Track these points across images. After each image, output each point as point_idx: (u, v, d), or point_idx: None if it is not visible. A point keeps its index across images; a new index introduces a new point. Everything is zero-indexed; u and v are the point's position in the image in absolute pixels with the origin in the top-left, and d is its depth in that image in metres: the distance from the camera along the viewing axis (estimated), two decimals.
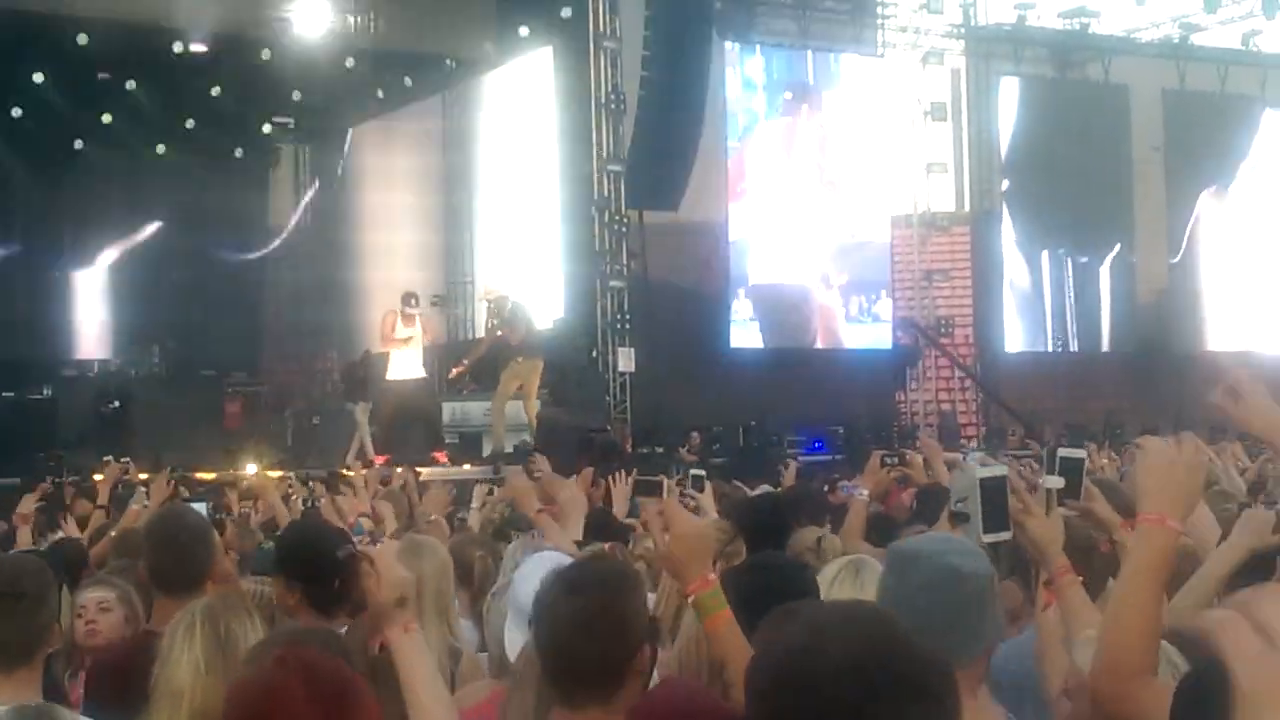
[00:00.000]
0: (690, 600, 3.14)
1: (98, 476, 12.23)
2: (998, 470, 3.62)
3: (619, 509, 7.33)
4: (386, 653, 3.13)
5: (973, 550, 2.99)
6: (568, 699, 3.00)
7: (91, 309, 23.31)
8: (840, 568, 3.79)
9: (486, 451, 17.53)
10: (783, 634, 1.87)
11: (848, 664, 1.76)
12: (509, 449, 16.78)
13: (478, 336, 17.98)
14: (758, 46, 21.86)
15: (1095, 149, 24.98)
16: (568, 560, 4.21)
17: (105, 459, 9.46)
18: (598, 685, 2.98)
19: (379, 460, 15.66)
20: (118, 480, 9.00)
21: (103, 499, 8.41)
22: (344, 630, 3.97)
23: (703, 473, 7.68)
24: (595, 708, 2.97)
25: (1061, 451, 3.83)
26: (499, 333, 17.85)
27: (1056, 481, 3.73)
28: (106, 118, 22.65)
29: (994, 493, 3.48)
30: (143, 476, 9.87)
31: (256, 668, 2.66)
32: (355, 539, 5.50)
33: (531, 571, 3.79)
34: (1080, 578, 3.47)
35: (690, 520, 3.16)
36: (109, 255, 23.64)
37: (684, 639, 3.75)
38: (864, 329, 22.58)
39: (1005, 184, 24.85)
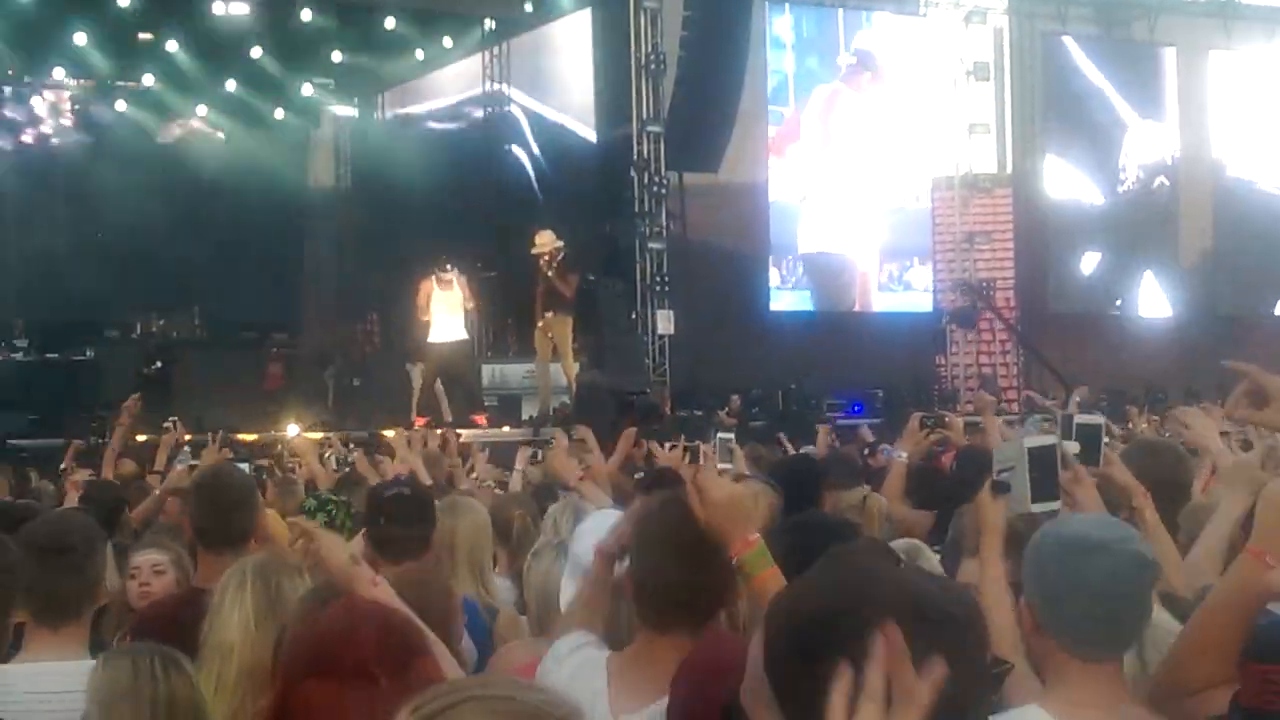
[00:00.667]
0: (735, 563, 3.15)
1: (141, 438, 12.37)
2: (1047, 439, 3.63)
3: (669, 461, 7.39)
4: None
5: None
6: (658, 622, 3.08)
7: (133, 271, 23.41)
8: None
9: (525, 415, 17.58)
10: (810, 589, 1.88)
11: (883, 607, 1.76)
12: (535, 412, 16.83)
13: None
14: (789, 6, 21.71)
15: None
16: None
17: (165, 425, 9.44)
18: (690, 611, 3.09)
19: (419, 422, 15.70)
20: (173, 447, 9.00)
21: (160, 464, 8.44)
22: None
23: (730, 436, 7.68)
24: (684, 633, 3.05)
25: (1078, 418, 3.82)
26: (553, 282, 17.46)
27: (1074, 447, 3.75)
28: (148, 79, 22.78)
29: (1044, 461, 3.49)
30: (187, 438, 9.94)
31: (328, 612, 2.69)
32: None
33: (593, 528, 3.85)
34: None
35: (724, 485, 3.17)
36: (150, 217, 23.72)
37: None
38: (894, 296, 22.53)
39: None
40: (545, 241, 16.84)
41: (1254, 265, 25.32)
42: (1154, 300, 24.99)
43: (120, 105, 23.26)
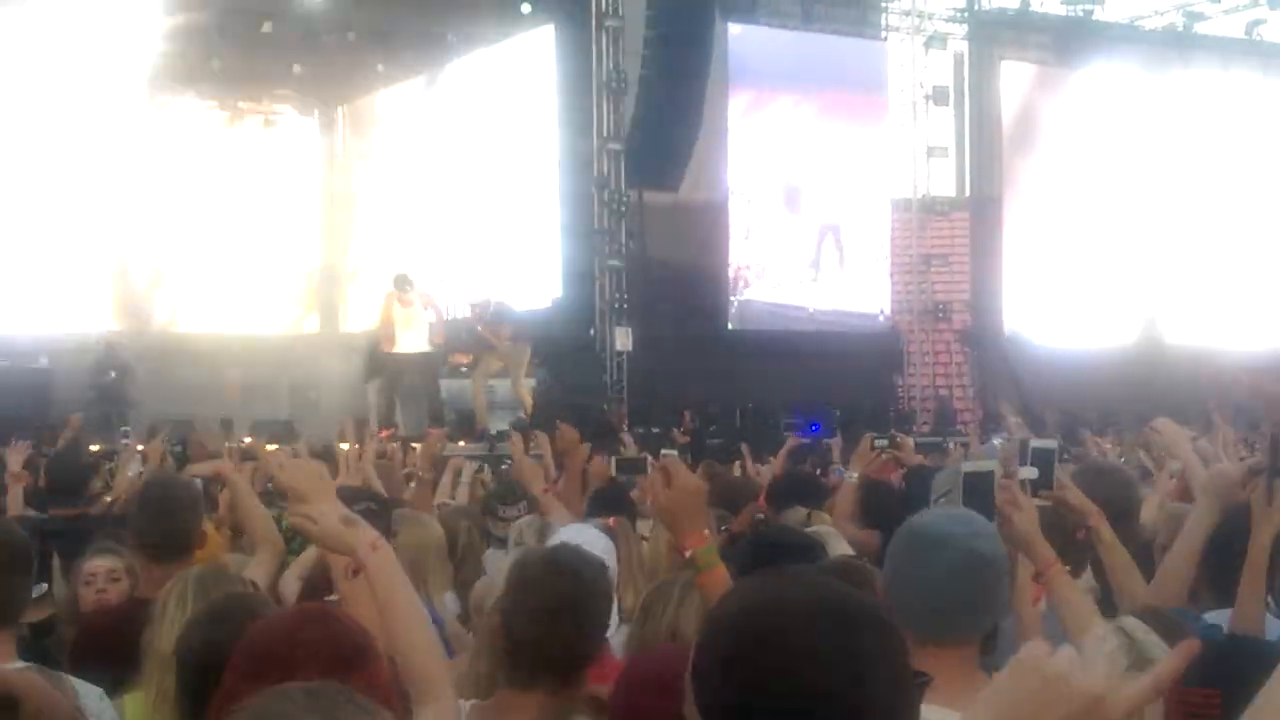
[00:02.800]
0: (686, 555, 3.17)
1: (94, 447, 12.31)
2: (985, 464, 3.66)
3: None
4: None
5: (991, 531, 3.01)
6: (520, 681, 3.07)
7: (88, 279, 23.31)
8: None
9: (479, 430, 17.56)
10: (730, 600, 1.90)
11: (800, 615, 1.77)
12: (497, 428, 16.80)
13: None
14: (750, 27, 21.81)
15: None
16: (596, 534, 4.30)
17: (121, 441, 9.39)
18: (552, 672, 3.07)
19: (383, 434, 15.66)
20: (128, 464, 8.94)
21: (119, 487, 8.37)
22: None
23: (674, 453, 7.70)
24: (543, 693, 3.04)
25: (1034, 442, 3.85)
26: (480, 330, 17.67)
27: (1030, 472, 3.78)
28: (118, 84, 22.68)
29: (979, 486, 3.50)
30: (139, 447, 9.89)
31: (276, 616, 2.66)
32: None
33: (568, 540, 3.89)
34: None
35: (692, 477, 3.20)
36: (110, 226, 23.62)
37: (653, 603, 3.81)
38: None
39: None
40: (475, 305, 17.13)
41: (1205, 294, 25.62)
42: (1111, 327, 25.13)
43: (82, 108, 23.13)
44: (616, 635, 4.77)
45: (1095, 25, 25.23)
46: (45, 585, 4.55)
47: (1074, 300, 24.73)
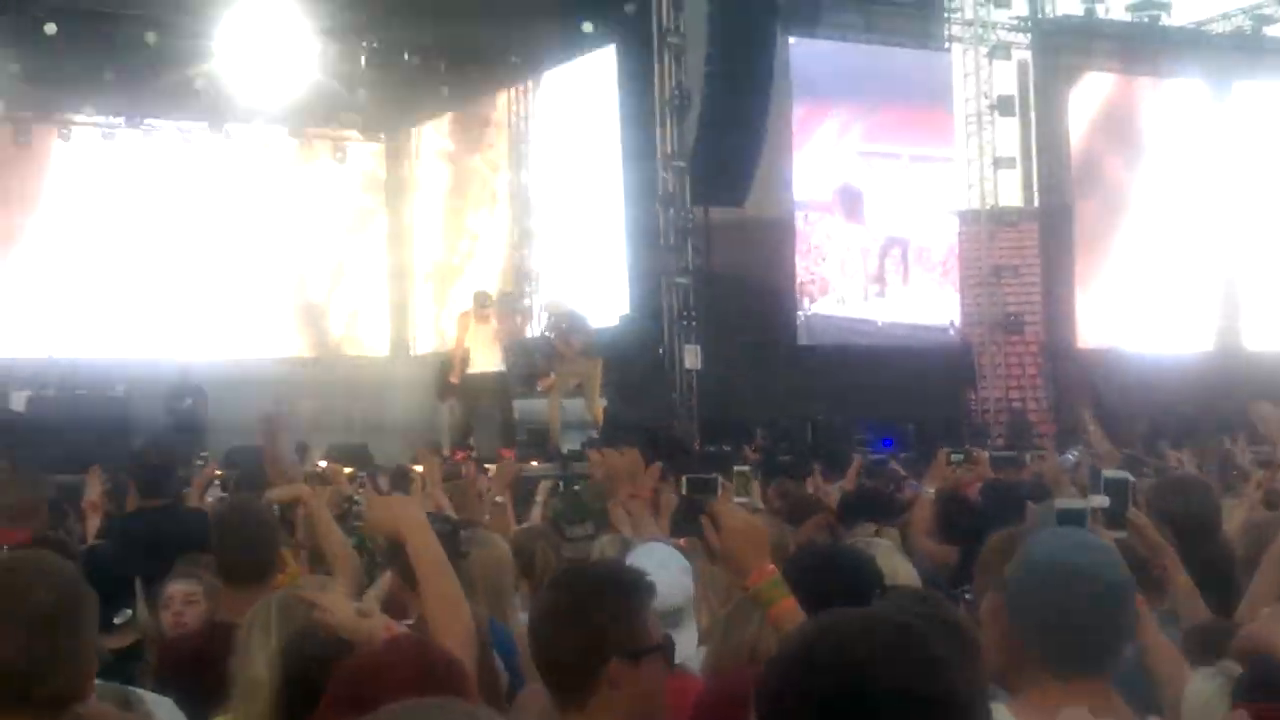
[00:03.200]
0: (750, 594, 3.12)
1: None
2: (1077, 502, 3.62)
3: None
4: None
5: (1118, 557, 2.95)
6: (552, 694, 3.06)
7: (163, 307, 23.62)
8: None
9: (550, 450, 17.59)
10: (792, 642, 1.87)
11: (853, 668, 1.74)
12: (569, 447, 16.83)
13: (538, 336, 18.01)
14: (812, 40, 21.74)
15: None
16: (670, 551, 4.29)
17: (197, 461, 9.51)
18: (560, 684, 3.04)
19: (459, 456, 15.73)
20: (208, 482, 9.05)
21: (195, 500, 8.45)
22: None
23: (746, 469, 7.65)
24: (573, 709, 3.02)
25: (1106, 473, 3.79)
26: (552, 339, 17.71)
27: (1102, 500, 3.72)
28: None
29: (1074, 523, 3.48)
30: (218, 473, 9.99)
31: (369, 648, 2.68)
32: None
33: (640, 561, 3.87)
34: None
35: (739, 515, 3.16)
36: (180, 254, 23.95)
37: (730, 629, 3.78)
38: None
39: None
40: (552, 306, 17.12)
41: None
42: (1188, 334, 24.84)
43: (149, 139, 23.48)
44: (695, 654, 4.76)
45: (1162, 31, 24.97)
46: (130, 611, 4.58)
47: (1148, 309, 24.43)
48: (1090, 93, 24.72)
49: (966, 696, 1.76)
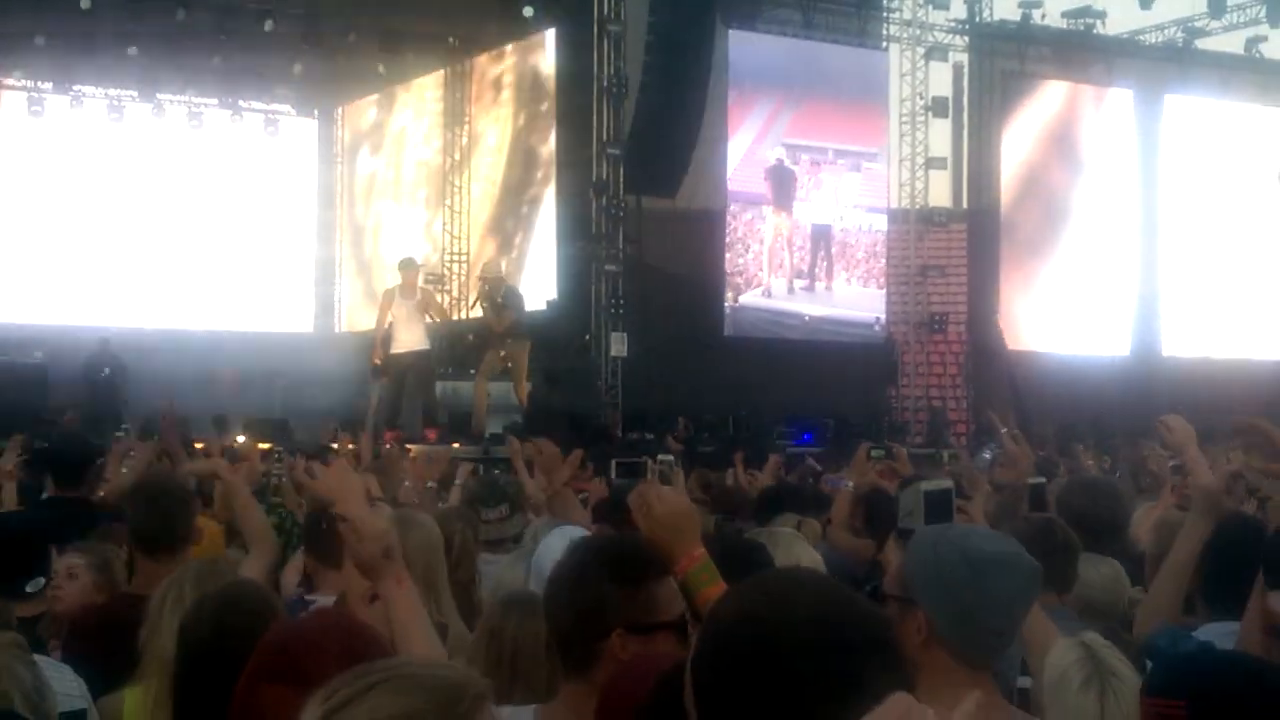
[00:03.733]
0: (679, 580, 3.11)
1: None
2: (943, 483, 3.70)
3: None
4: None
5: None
6: (560, 662, 3.07)
7: (84, 275, 23.34)
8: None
9: (474, 431, 17.53)
10: (729, 603, 1.88)
11: (806, 626, 1.74)
12: (492, 430, 16.75)
13: (473, 316, 17.84)
14: (751, 35, 21.76)
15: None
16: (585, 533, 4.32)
17: (117, 434, 9.38)
18: (563, 653, 3.05)
19: (388, 436, 15.60)
20: (124, 455, 8.93)
21: (111, 474, 8.33)
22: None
23: (670, 459, 7.68)
24: (574, 676, 3.03)
25: (925, 485, 3.86)
26: (484, 309, 17.50)
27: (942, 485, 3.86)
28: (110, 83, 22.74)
29: (939, 503, 3.59)
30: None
31: (297, 619, 2.65)
32: None
33: (554, 543, 3.87)
34: None
35: (668, 499, 3.14)
36: (104, 223, 23.66)
37: None
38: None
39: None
40: (488, 270, 16.97)
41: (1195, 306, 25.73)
42: (1107, 338, 25.17)
43: (80, 107, 23.13)
44: None
45: (1096, 40, 25.25)
46: (43, 580, 4.52)
47: (1072, 313, 24.72)
48: (1026, 98, 24.94)
49: (895, 649, 1.78)
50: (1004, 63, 24.90)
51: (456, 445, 16.33)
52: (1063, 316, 24.53)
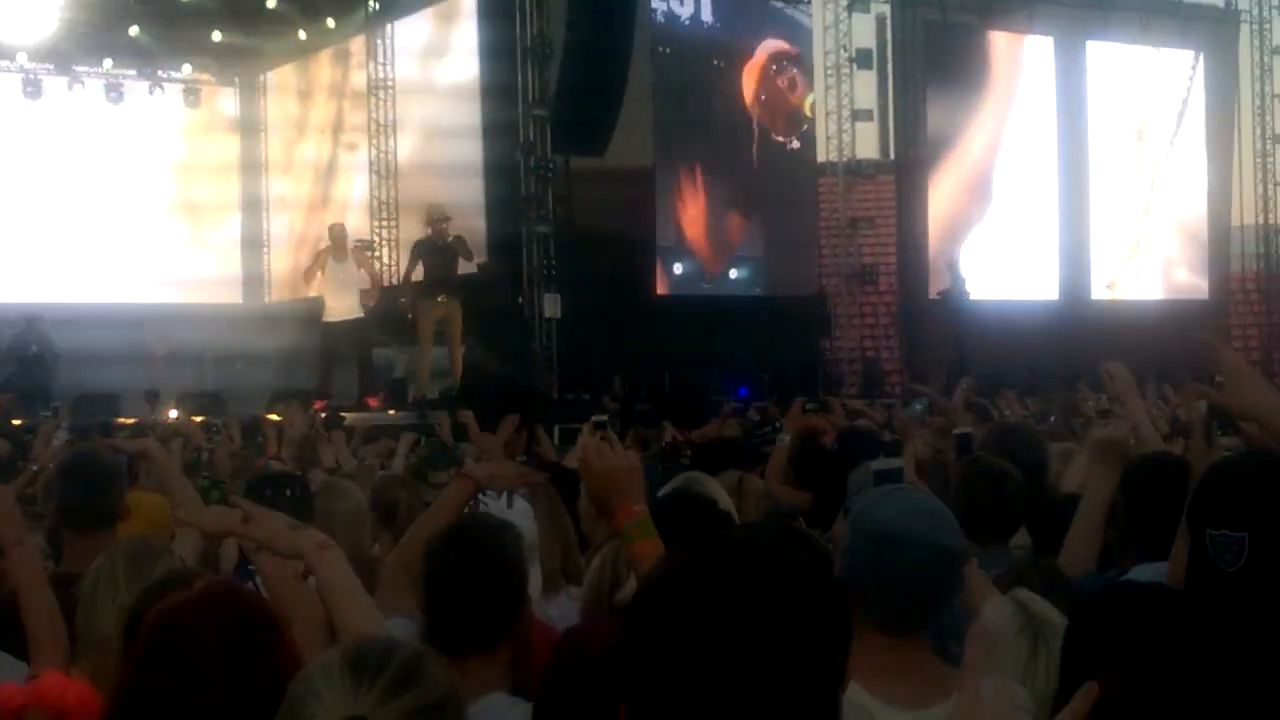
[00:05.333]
0: (619, 530, 3.13)
1: (16, 421, 12.12)
2: (894, 463, 3.76)
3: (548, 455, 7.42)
4: None
5: (951, 524, 2.96)
6: (454, 650, 3.06)
7: (7, 253, 23.00)
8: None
9: (410, 398, 17.46)
10: (654, 570, 1.85)
11: (717, 585, 1.72)
12: (432, 395, 16.70)
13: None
14: None
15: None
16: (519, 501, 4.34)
17: (44, 412, 9.30)
18: (478, 639, 3.11)
19: (317, 405, 15.52)
20: (53, 432, 8.87)
21: (41, 457, 8.21)
22: None
23: (605, 419, 7.69)
24: (476, 659, 3.05)
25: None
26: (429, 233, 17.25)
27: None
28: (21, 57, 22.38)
29: (890, 482, 3.62)
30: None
31: (183, 594, 2.61)
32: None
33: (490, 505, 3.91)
34: None
35: (608, 455, 3.15)
36: (27, 198, 23.30)
37: (592, 573, 3.84)
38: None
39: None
40: (439, 211, 16.82)
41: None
42: (1035, 284, 25.35)
43: None
44: (546, 600, 4.79)
45: None
46: None
47: (1000, 259, 24.86)
48: (949, 47, 24.96)
49: (837, 611, 1.77)
50: (926, 13, 24.86)
51: (392, 412, 16.29)
52: (993, 263, 24.64)
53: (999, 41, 25.46)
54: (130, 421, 14.04)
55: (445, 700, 1.93)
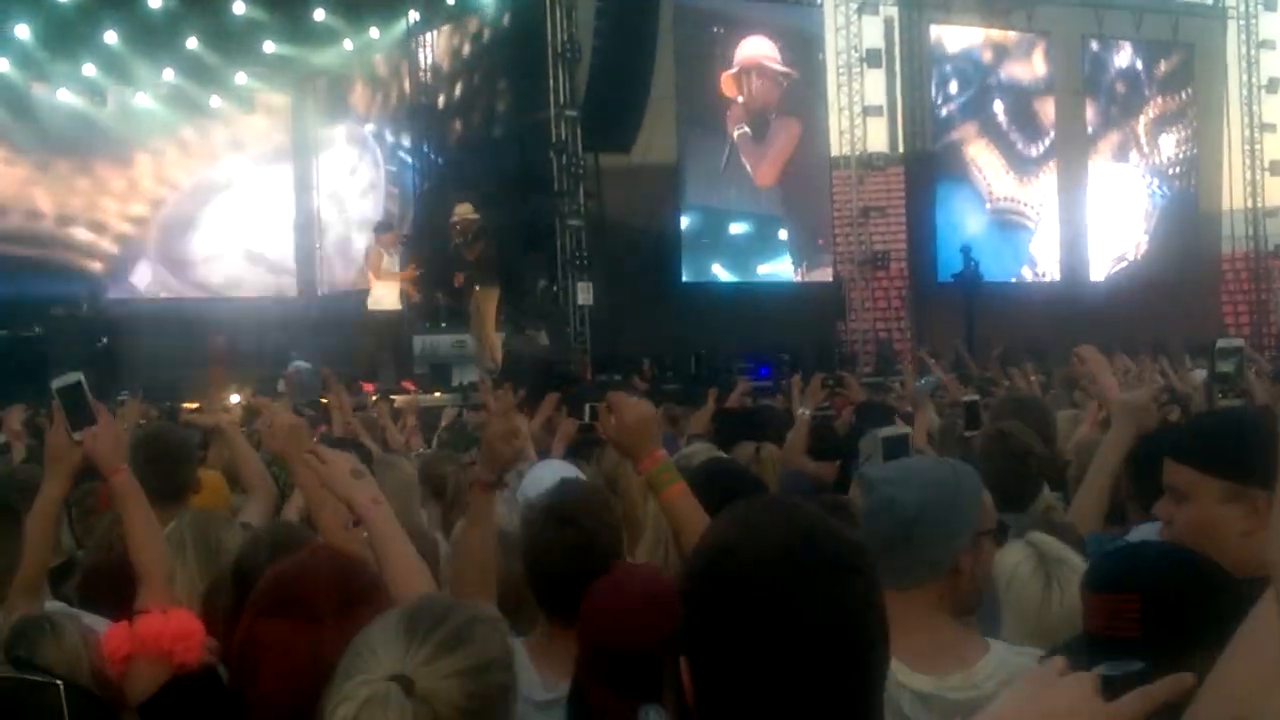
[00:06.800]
0: (644, 477, 3.15)
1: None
2: (900, 430, 3.76)
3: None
4: None
5: (919, 482, 2.74)
6: (561, 619, 3.06)
7: (80, 248, 23.14)
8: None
9: (455, 382, 17.51)
10: (709, 535, 1.80)
11: (777, 550, 1.69)
12: (470, 379, 16.76)
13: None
14: None
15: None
16: (566, 465, 4.32)
17: (119, 399, 9.37)
18: (550, 600, 3.11)
19: (367, 388, 15.58)
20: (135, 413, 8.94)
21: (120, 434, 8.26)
22: None
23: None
24: (556, 622, 3.07)
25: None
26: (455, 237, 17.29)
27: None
28: (87, 69, 22.42)
29: (895, 449, 3.67)
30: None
31: (291, 557, 2.65)
32: None
33: (540, 474, 3.88)
34: None
35: (633, 404, 3.17)
36: (94, 197, 23.42)
37: (651, 525, 3.84)
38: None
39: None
40: (463, 212, 16.86)
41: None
42: (1040, 265, 25.26)
43: (61, 93, 22.79)
44: None
45: None
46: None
47: (1005, 244, 24.75)
48: (953, 46, 24.85)
49: (874, 576, 1.76)
50: (931, 14, 24.79)
51: (436, 394, 16.33)
52: (998, 247, 24.52)
53: (999, 40, 25.30)
54: (195, 406, 14.10)
55: (492, 662, 1.94)
